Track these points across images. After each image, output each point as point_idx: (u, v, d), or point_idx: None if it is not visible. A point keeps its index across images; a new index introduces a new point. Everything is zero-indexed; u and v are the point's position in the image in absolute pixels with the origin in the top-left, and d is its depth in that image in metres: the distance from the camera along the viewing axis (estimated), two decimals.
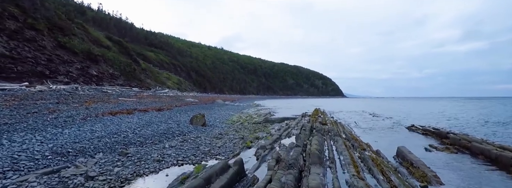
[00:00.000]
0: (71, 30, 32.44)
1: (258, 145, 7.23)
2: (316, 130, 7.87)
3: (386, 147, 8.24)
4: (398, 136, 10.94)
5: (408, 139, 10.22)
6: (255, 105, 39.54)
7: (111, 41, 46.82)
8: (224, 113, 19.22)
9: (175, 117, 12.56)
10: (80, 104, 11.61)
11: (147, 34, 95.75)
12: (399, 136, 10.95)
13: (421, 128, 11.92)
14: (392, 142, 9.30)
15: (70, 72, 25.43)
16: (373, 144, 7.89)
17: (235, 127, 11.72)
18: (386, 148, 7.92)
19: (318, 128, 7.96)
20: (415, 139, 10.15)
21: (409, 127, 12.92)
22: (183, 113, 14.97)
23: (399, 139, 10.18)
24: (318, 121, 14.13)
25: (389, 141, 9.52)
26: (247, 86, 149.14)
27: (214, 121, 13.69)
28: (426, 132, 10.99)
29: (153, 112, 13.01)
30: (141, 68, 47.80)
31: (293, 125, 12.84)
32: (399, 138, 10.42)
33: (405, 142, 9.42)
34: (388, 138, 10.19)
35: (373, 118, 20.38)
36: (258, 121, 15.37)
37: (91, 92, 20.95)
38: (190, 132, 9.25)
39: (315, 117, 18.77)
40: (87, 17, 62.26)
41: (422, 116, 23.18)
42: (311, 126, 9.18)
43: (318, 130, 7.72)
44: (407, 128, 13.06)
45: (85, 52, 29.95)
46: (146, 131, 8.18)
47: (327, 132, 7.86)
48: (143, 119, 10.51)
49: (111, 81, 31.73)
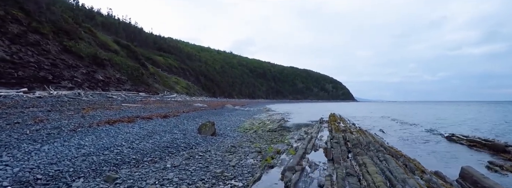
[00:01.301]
0: (78, 34, 31.76)
1: (281, 163, 5.82)
2: (353, 144, 6.39)
3: (435, 164, 6.72)
4: (440, 148, 9.35)
5: (455, 153, 8.63)
6: (266, 110, 38.13)
7: (119, 45, 46.20)
8: (235, 119, 17.88)
9: (182, 125, 11.25)
10: (76, 112, 10.42)
11: (156, 38, 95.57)
12: (441, 148, 9.36)
13: (465, 139, 10.28)
14: (439, 158, 7.76)
15: (75, 77, 24.52)
16: (419, 160, 6.39)
17: (248, 136, 10.34)
18: (436, 165, 6.42)
19: (355, 142, 6.47)
20: (464, 153, 8.56)
21: (449, 137, 11.27)
22: (191, 120, 13.66)
23: (444, 153, 8.60)
24: (340, 129, 12.62)
25: (434, 156, 7.97)
26: (256, 90, 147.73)
27: (225, 129, 12.34)
28: (473, 144, 9.36)
29: (157, 120, 11.73)
30: (149, 73, 47.00)
31: (313, 133, 11.38)
32: (443, 151, 8.84)
33: (455, 158, 7.87)
34: (431, 152, 8.63)
35: (399, 125, 18.71)
36: (272, 129, 13.96)
37: (95, 97, 19.90)
38: (198, 144, 7.90)
39: (334, 123, 17.25)
40: (96, 21, 62.16)
41: (450, 122, 21.37)
42: (344, 138, 7.65)
43: (356, 144, 6.25)
44: (446, 137, 11.43)
45: (91, 56, 29.12)
46: (146, 144, 6.86)
47: (366, 146, 6.36)
48: (145, 129, 9.22)
49: (118, 86, 30.81)
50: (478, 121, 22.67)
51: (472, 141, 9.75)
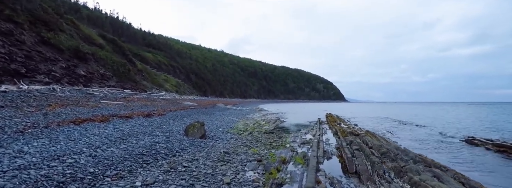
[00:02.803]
0: (58, 25, 29.62)
1: (292, 178, 4.39)
2: (381, 152, 4.96)
3: (489, 181, 5.38)
4: (469, 156, 8.05)
5: (492, 161, 7.35)
6: (259, 109, 36.71)
7: (105, 39, 43.94)
8: (227, 119, 16.38)
9: (167, 126, 9.70)
10: (39, 109, 8.75)
11: (145, 34, 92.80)
12: (470, 156, 8.06)
13: (490, 143, 9.02)
14: (482, 169, 6.45)
15: (52, 71, 22.55)
16: (465, 174, 5.04)
17: (243, 139, 8.87)
18: (491, 182, 5.09)
19: (383, 150, 5.03)
20: (497, 160, 7.31)
21: (469, 141, 10.01)
22: (178, 119, 12.11)
23: (473, 160, 7.32)
24: (346, 131, 11.28)
25: (474, 167, 6.65)
26: (248, 90, 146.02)
27: (216, 130, 10.83)
28: (503, 149, 8.11)
29: (138, 119, 10.15)
30: (137, 69, 44.94)
31: (317, 136, 10.00)
32: (477, 160, 7.55)
33: (490, 167, 6.59)
34: (466, 162, 7.32)
35: (404, 126, 17.53)
36: (269, 130, 12.53)
37: (73, 93, 18.10)
38: (183, 149, 6.39)
39: (334, 124, 15.95)
40: (82, 15, 59.43)
41: (452, 123, 20.37)
42: (366, 144, 6.18)
43: (385, 153, 4.82)
44: (466, 141, 10.18)
45: (73, 50, 27.07)
46: (114, 151, 5.32)
47: (397, 155, 4.92)
48: (120, 130, 7.65)
49: (102, 82, 28.85)
50: (480, 121, 21.77)
51: (500, 146, 8.52)
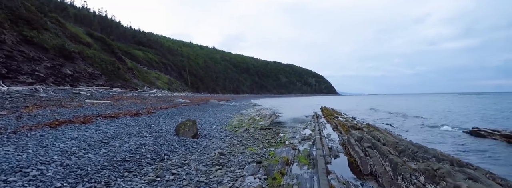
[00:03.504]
0: (42, 24, 28.37)
1: (301, 184, 3.76)
2: (399, 150, 4.34)
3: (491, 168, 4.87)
4: (477, 147, 7.57)
5: (501, 152, 6.87)
6: (253, 104, 36.06)
7: (93, 37, 42.54)
8: (221, 115, 15.69)
9: (156, 125, 8.99)
10: (13, 111, 7.95)
11: (135, 32, 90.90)
12: (477, 147, 7.57)
13: (498, 133, 8.54)
14: (489, 160, 5.95)
15: (36, 71, 21.49)
16: (488, 170, 4.51)
17: (239, 137, 8.23)
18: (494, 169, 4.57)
19: (401, 147, 4.40)
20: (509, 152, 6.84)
21: (474, 132, 9.53)
22: (169, 118, 11.39)
23: (485, 153, 6.83)
24: (346, 125, 10.72)
25: (492, 161, 6.14)
26: (240, 85, 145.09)
27: (210, 127, 10.14)
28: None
29: (125, 119, 9.41)
30: (127, 67, 43.77)
31: (317, 131, 9.40)
32: (482, 151, 7.08)
33: (508, 160, 6.09)
34: (478, 153, 6.83)
35: (401, 118, 17.11)
36: (265, 126, 11.89)
37: (58, 94, 17.19)
38: (172, 152, 5.72)
39: (332, 118, 15.42)
40: (68, 13, 57.60)
41: (447, 114, 20.12)
42: (377, 139, 5.52)
43: (403, 151, 4.21)
44: (471, 132, 9.71)
45: (58, 49, 25.94)
46: (92, 158, 4.61)
47: (416, 152, 4.30)
48: (103, 132, 6.93)
49: (90, 81, 27.80)
50: (473, 111, 21.56)
51: (509, 136, 8.05)
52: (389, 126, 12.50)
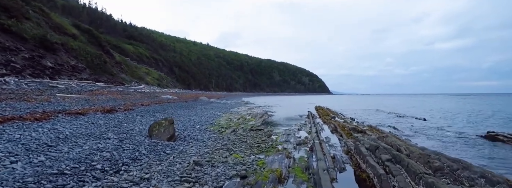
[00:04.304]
0: (23, 12, 26.69)
1: None
2: (434, 167, 3.21)
3: None
4: (500, 155, 6.55)
5: None
6: (245, 102, 34.89)
7: (80, 29, 40.71)
8: (208, 113, 14.49)
9: (129, 124, 7.77)
10: None
11: (126, 26, 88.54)
12: (501, 155, 6.55)
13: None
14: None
15: (12, 62, 19.95)
16: None
17: (225, 140, 7.07)
18: None
19: (436, 163, 3.29)
20: None
21: (490, 136, 8.52)
22: (148, 115, 10.16)
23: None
24: (347, 127, 9.63)
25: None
26: (233, 83, 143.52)
27: (192, 128, 8.93)
28: None
29: (94, 116, 8.16)
30: (114, 61, 42.12)
31: (314, 134, 8.29)
32: (507, 160, 6.06)
33: None
34: (500, 163, 5.79)
35: (402, 119, 16.12)
36: (256, 126, 10.75)
37: (31, 86, 15.77)
38: (135, 159, 4.53)
39: (327, 118, 14.36)
40: (55, 4, 55.34)
41: (450, 115, 19.25)
42: (397, 149, 4.38)
43: (441, 169, 3.10)
44: (486, 137, 8.71)
45: (38, 39, 24.32)
46: (16, 169, 3.41)
47: (457, 170, 3.17)
48: (58, 131, 5.70)
49: (73, 74, 26.22)
50: (474, 113, 20.74)
51: None
52: (392, 128, 11.45)
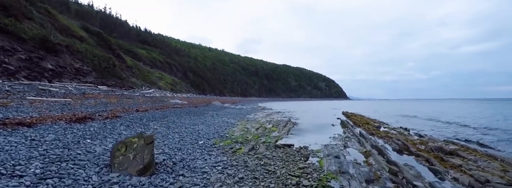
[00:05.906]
0: (24, 12, 25.07)
1: None
2: None
3: None
4: None
5: None
6: (261, 108, 31.99)
7: (88, 32, 39.28)
8: (220, 121, 11.70)
9: (91, 141, 5.08)
10: None
11: (140, 31, 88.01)
12: None
13: None
14: None
15: (5, 63, 17.99)
16: None
17: (240, 166, 4.24)
18: None
19: None
20: None
21: None
22: (137, 126, 7.47)
23: None
24: (414, 142, 6.62)
25: None
26: (248, 88, 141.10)
27: (193, 143, 6.13)
28: None
29: (49, 128, 5.54)
30: (125, 65, 40.35)
31: (377, 156, 5.35)
32: None
33: None
34: None
35: (453, 127, 12.88)
36: (281, 139, 7.89)
37: (15, 88, 13.53)
38: None
39: (369, 127, 11.32)
40: (70, 9, 54.82)
41: (490, 121, 15.95)
42: None
43: None
44: None
45: (38, 39, 22.49)
46: None
47: None
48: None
49: (76, 77, 24.24)
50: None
51: None
52: (460, 140, 8.30)
